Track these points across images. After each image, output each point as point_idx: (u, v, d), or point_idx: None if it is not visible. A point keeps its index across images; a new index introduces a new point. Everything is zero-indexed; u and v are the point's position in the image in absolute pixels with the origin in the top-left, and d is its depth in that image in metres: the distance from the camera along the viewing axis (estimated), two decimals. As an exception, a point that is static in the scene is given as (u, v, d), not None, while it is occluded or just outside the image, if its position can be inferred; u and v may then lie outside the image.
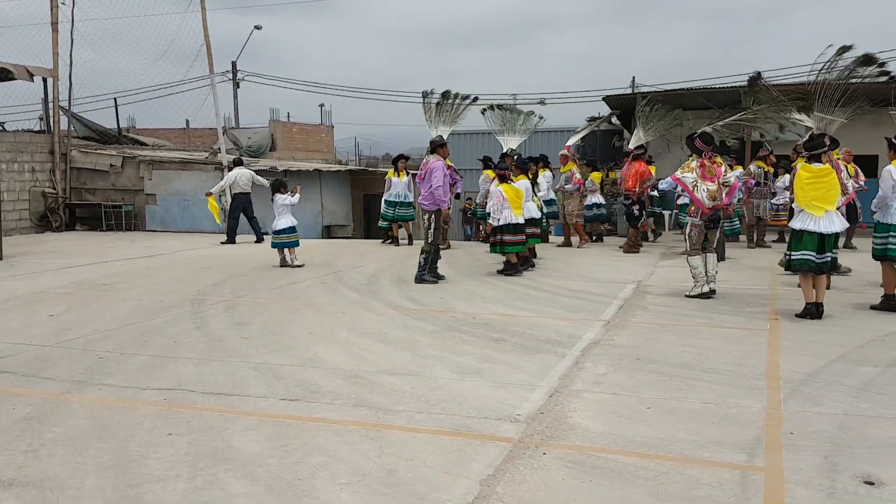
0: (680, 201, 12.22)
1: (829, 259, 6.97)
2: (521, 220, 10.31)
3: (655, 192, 13.30)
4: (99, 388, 5.14)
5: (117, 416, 4.55)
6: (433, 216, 9.72)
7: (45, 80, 19.40)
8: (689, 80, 19.21)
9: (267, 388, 5.10)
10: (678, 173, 8.22)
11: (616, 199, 16.12)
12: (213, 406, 4.74)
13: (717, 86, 13.37)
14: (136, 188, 19.30)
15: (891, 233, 6.96)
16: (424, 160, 10.07)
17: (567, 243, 14.07)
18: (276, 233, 11.17)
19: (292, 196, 11.36)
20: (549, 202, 13.62)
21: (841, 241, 8.80)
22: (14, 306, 8.23)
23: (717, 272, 8.46)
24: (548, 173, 13.72)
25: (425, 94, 12.71)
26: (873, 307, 7.41)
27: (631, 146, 13.13)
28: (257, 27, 33.66)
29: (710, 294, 8.29)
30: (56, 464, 3.81)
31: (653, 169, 13.54)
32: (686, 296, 8.39)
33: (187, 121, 27.08)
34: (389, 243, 14.52)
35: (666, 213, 16.49)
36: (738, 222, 12.70)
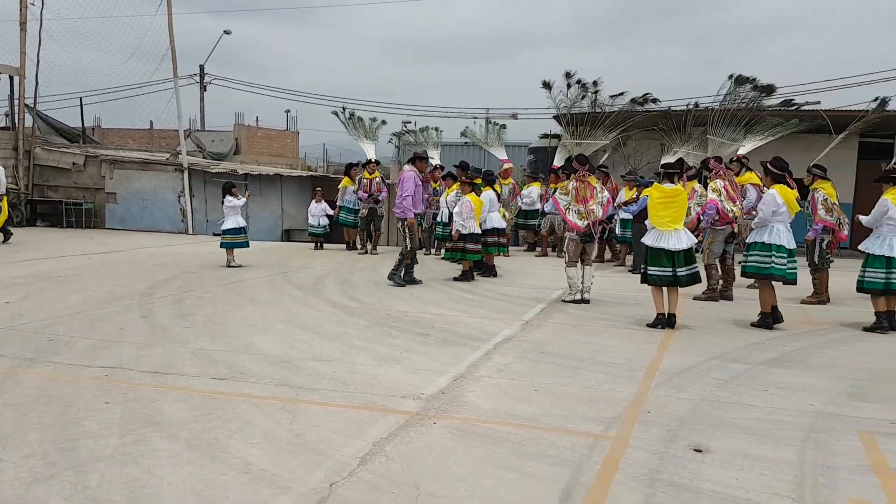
0: (622, 215, 12.98)
1: (685, 274, 7.54)
2: (479, 231, 10.97)
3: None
4: (47, 364, 5.66)
5: (61, 388, 5.07)
6: (405, 223, 10.31)
7: (11, 77, 19.69)
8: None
9: (200, 369, 5.66)
10: (557, 194, 8.90)
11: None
12: (148, 382, 5.29)
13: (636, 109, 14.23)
14: (98, 187, 19.63)
15: (773, 253, 7.63)
16: (401, 170, 10.68)
17: (543, 253, 14.79)
18: (224, 233, 11.70)
19: (238, 199, 11.89)
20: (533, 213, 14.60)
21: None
22: (-30, 294, 8.65)
23: (592, 283, 9.19)
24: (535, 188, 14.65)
25: (336, 113, 13.63)
26: (753, 324, 7.84)
27: (556, 164, 13.89)
28: (226, 32, 33.92)
29: (583, 301, 9.01)
30: (3, 423, 4.34)
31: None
32: (562, 300, 9.13)
33: (151, 122, 27.36)
34: (361, 251, 14.94)
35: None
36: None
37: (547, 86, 14.04)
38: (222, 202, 11.91)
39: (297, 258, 13.49)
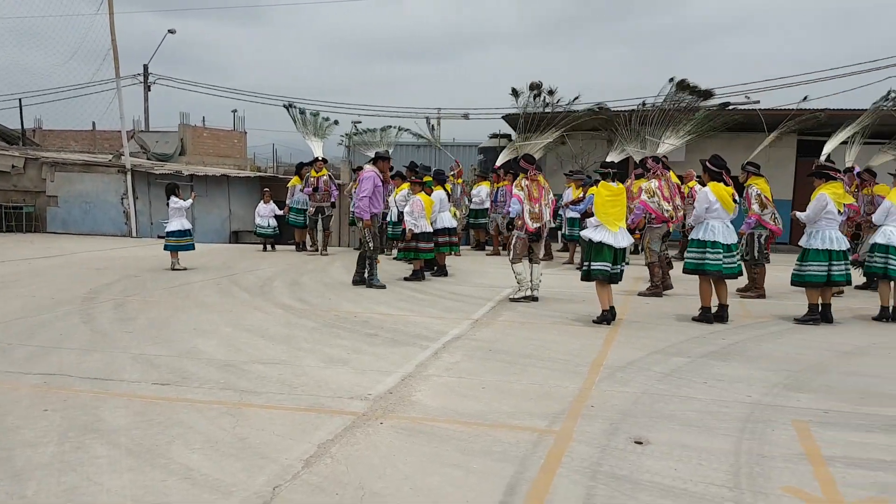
0: (569, 215, 13.14)
1: (620, 270, 7.72)
2: (431, 230, 11.01)
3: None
4: (-20, 373, 5.48)
5: (-4, 397, 4.92)
6: (363, 223, 10.20)
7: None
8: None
9: (142, 374, 5.55)
10: (515, 191, 8.96)
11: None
12: (88, 389, 5.17)
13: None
14: (38, 189, 19.08)
15: (707, 249, 7.86)
16: (361, 169, 10.54)
17: (495, 252, 14.84)
18: (168, 235, 11.49)
19: (185, 201, 11.69)
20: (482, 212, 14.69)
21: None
22: None
23: (540, 281, 9.30)
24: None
25: (286, 107, 13.50)
26: (694, 318, 8.02)
27: (498, 164, 14.02)
28: (171, 31, 33.24)
29: (533, 299, 9.10)
30: (-68, 435, 4.19)
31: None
32: (511, 299, 9.17)
33: (94, 123, 26.68)
34: (311, 251, 14.83)
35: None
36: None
37: (515, 93, 14.11)
38: (167, 204, 11.69)
39: (245, 260, 13.31)
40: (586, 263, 7.81)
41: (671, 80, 8.88)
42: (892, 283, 8.17)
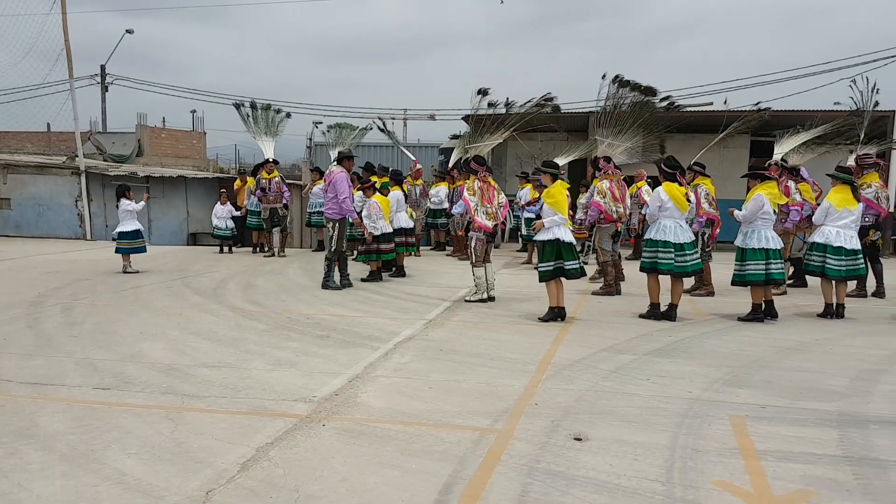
0: (526, 216, 13.20)
1: (570, 267, 7.77)
2: (391, 230, 11.00)
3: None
4: (-87, 381, 5.33)
5: (-73, 405, 4.80)
6: (337, 224, 10.09)
7: None
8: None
9: (84, 379, 5.46)
10: (466, 195, 9.00)
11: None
12: (27, 394, 5.07)
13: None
14: (-11, 192, 18.62)
15: (659, 248, 7.98)
16: (329, 170, 10.39)
17: (457, 252, 14.79)
18: (120, 237, 11.30)
19: (137, 203, 11.52)
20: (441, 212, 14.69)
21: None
22: None
23: (495, 279, 9.39)
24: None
25: (237, 106, 13.39)
26: (641, 315, 8.17)
27: (450, 165, 14.07)
28: (129, 31, 32.75)
29: (490, 299, 9.16)
30: None
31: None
32: (466, 300, 9.19)
33: (48, 124, 26.12)
34: (267, 254, 14.69)
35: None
36: None
37: (483, 93, 14.13)
38: (116, 206, 11.50)
39: (201, 262, 13.15)
40: (556, 263, 7.82)
41: (603, 76, 9.02)
42: (833, 282, 8.37)
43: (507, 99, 12.05)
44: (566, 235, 7.79)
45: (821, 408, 4.97)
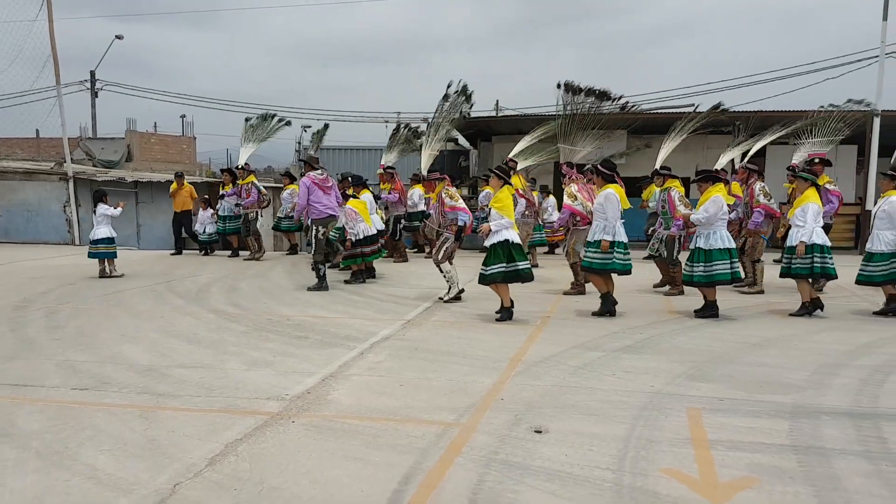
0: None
1: (523, 267, 7.92)
2: (374, 231, 11.18)
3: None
4: None
5: None
6: (318, 226, 10.37)
7: None
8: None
9: (62, 380, 5.59)
10: (459, 203, 9.21)
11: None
12: (6, 395, 5.20)
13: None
14: (-23, 199, 18.69)
15: (616, 249, 8.18)
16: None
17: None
18: (94, 243, 11.41)
19: (114, 208, 11.64)
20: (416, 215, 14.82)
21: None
22: None
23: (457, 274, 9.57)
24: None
25: (247, 119, 13.61)
26: (594, 313, 8.33)
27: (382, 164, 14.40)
28: (118, 37, 32.79)
29: (461, 292, 9.35)
30: None
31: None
32: (441, 300, 9.34)
33: (37, 130, 26.19)
34: (248, 257, 14.81)
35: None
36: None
37: (467, 97, 14.37)
38: (93, 211, 11.64)
39: (185, 267, 13.26)
40: (510, 265, 7.95)
41: (558, 84, 9.27)
42: (809, 280, 8.50)
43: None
44: (515, 237, 8.00)
45: (777, 400, 5.14)
